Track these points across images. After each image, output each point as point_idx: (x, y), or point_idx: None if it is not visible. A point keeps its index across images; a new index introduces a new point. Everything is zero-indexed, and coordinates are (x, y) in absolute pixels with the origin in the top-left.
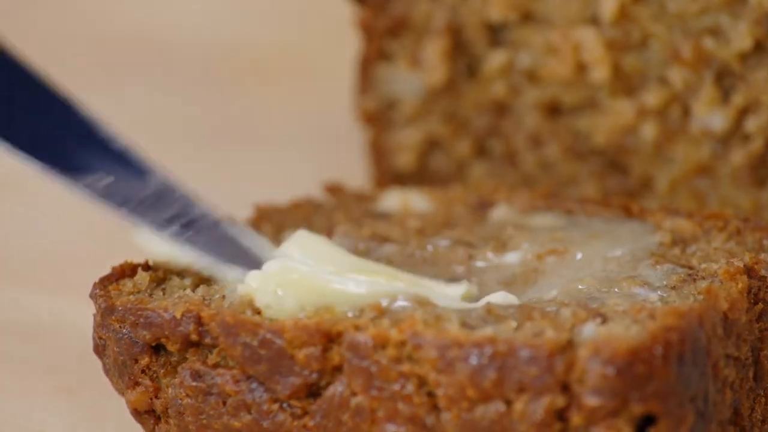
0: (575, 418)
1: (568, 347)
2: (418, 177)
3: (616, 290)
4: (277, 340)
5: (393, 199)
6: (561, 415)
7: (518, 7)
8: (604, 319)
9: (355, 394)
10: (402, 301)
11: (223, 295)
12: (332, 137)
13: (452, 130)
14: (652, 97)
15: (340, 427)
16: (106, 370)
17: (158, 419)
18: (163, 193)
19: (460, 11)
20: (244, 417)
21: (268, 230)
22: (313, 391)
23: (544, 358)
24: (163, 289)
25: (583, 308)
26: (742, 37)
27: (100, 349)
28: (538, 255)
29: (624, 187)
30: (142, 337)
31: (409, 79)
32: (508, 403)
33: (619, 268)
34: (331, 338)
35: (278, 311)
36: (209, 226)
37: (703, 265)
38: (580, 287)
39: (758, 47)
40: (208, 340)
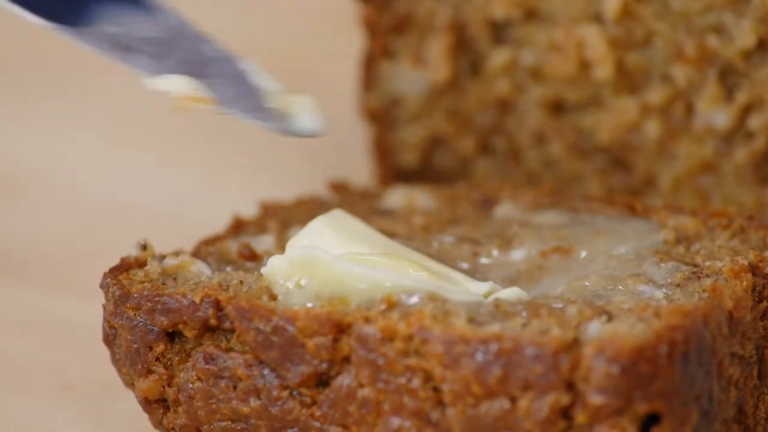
0: (580, 417)
1: (574, 345)
2: (422, 174)
3: (620, 288)
4: (290, 328)
5: (397, 197)
6: (565, 413)
7: (522, 5)
8: (610, 317)
9: (362, 385)
10: (415, 297)
11: (241, 281)
12: (336, 135)
13: (456, 128)
14: (655, 95)
15: (346, 418)
16: (115, 360)
17: (167, 409)
18: (174, 33)
19: (464, 9)
20: (254, 402)
21: (274, 227)
22: (323, 381)
23: (550, 355)
24: (175, 278)
25: (589, 306)
26: (745, 35)
27: (110, 339)
28: (543, 252)
29: (628, 184)
30: (159, 324)
31: (413, 77)
32: (513, 401)
33: (623, 266)
34: (341, 329)
35: (294, 299)
36: (223, 65)
37: (708, 263)
38: (586, 284)
39: (762, 45)
40: (227, 325)
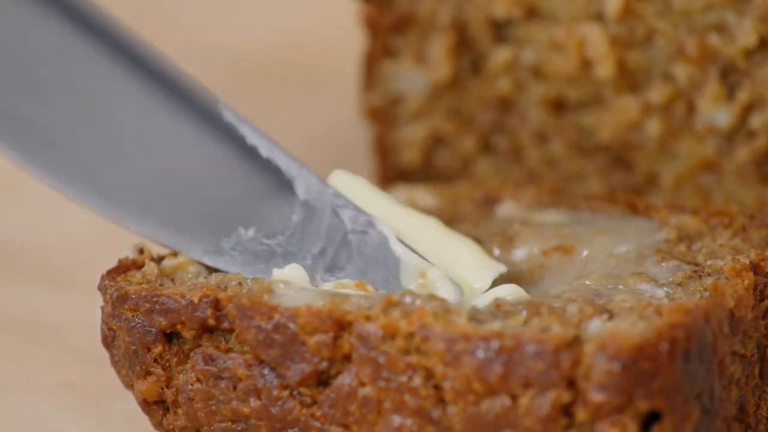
0: (581, 414)
1: (575, 343)
2: (423, 173)
3: (621, 287)
4: (291, 325)
5: (399, 196)
6: (566, 411)
7: (523, 4)
8: (611, 315)
9: (363, 384)
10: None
11: (240, 282)
12: (338, 134)
13: (457, 127)
14: (657, 94)
15: (347, 417)
16: (115, 362)
17: (167, 410)
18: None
19: (465, 8)
20: (254, 402)
21: None
22: (323, 380)
23: (551, 353)
24: (173, 279)
25: (590, 304)
26: (747, 34)
27: (108, 341)
28: (544, 251)
29: (629, 183)
30: (158, 324)
31: (414, 76)
32: (514, 398)
33: (624, 265)
34: (342, 326)
35: (295, 298)
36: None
37: (709, 262)
38: (587, 283)
39: (763, 44)
40: (226, 325)
